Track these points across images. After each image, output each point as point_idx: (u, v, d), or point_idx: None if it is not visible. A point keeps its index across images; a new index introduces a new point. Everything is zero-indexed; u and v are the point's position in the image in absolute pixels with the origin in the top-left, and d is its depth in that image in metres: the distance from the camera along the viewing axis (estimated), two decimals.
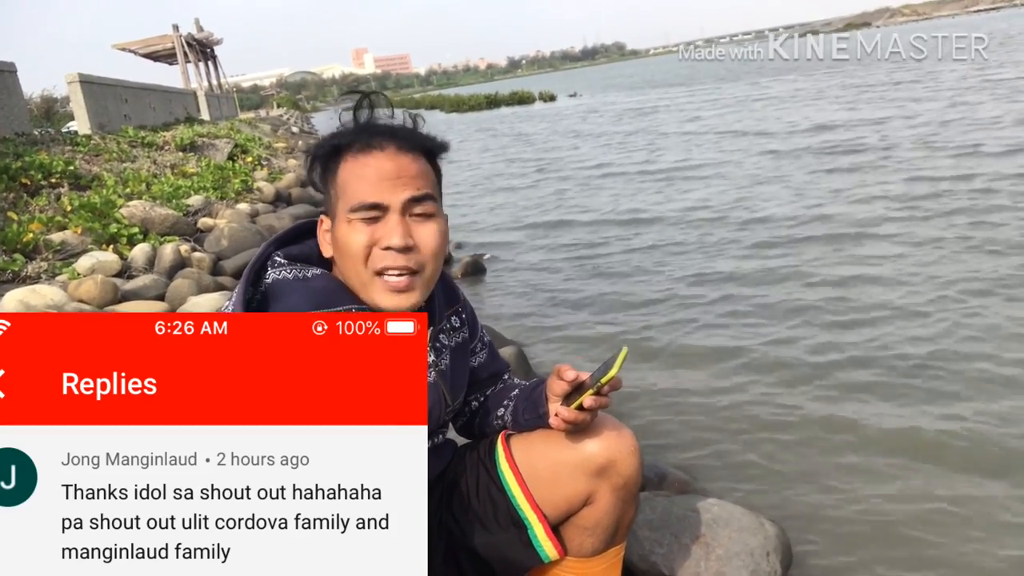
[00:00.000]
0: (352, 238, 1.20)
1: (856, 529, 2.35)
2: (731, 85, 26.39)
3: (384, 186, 1.20)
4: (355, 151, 1.24)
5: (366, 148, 1.23)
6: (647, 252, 6.18)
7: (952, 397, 3.09)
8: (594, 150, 14.34)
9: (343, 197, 1.22)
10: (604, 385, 1.24)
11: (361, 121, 1.29)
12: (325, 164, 1.27)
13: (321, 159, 1.28)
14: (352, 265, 1.22)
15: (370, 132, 1.25)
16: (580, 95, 40.28)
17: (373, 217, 1.20)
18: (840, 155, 9.32)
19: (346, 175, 1.23)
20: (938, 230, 5.54)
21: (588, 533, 1.42)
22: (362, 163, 1.22)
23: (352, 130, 1.27)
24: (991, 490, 2.46)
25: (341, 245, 1.23)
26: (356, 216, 1.20)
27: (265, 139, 17.47)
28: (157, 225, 6.20)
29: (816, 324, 4.07)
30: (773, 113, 15.41)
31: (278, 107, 57.79)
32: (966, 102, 12.83)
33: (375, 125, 1.28)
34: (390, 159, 1.22)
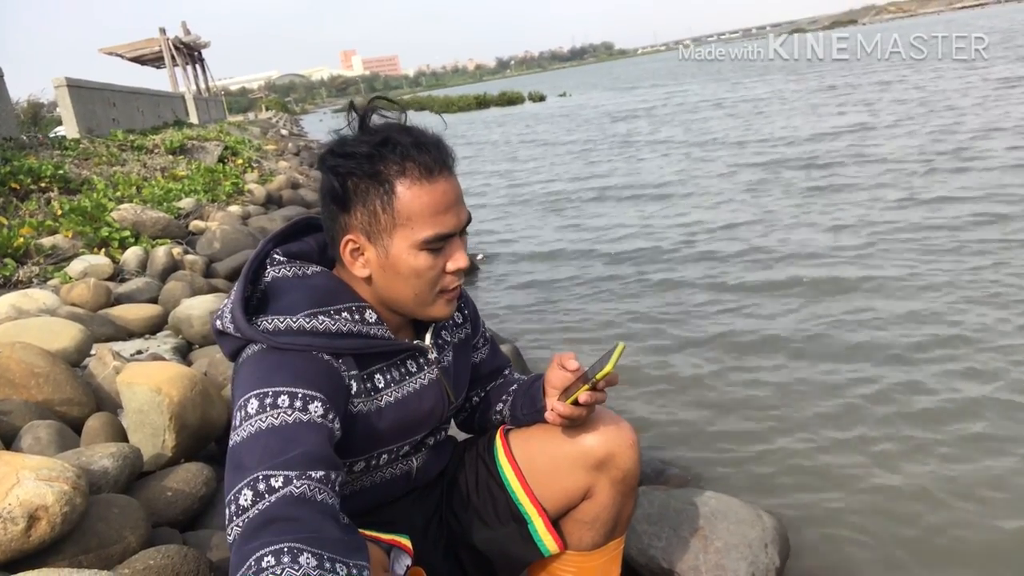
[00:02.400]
0: (424, 269, 1.19)
1: (854, 520, 2.36)
2: (715, 84, 26.42)
3: (451, 215, 1.18)
4: (414, 176, 1.15)
5: (427, 174, 1.16)
6: (640, 251, 6.19)
7: (953, 388, 3.11)
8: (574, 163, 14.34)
9: (407, 225, 1.16)
10: (600, 380, 1.24)
11: (391, 131, 1.18)
12: (360, 181, 1.16)
13: (356, 179, 1.16)
14: (418, 291, 1.21)
15: (416, 148, 1.16)
16: (570, 95, 40.31)
17: (442, 246, 1.19)
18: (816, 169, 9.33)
19: (409, 204, 1.15)
20: (924, 228, 5.59)
21: (588, 527, 1.42)
22: (426, 190, 1.15)
23: (387, 144, 1.16)
24: (992, 481, 2.48)
25: (408, 273, 1.19)
26: (429, 248, 1.17)
27: (255, 141, 17.41)
28: (149, 228, 6.17)
29: (814, 317, 4.09)
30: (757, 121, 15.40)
31: (267, 110, 57.56)
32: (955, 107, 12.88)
33: (421, 141, 1.18)
34: (450, 184, 1.19)
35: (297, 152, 18.17)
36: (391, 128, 1.19)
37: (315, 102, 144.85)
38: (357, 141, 1.18)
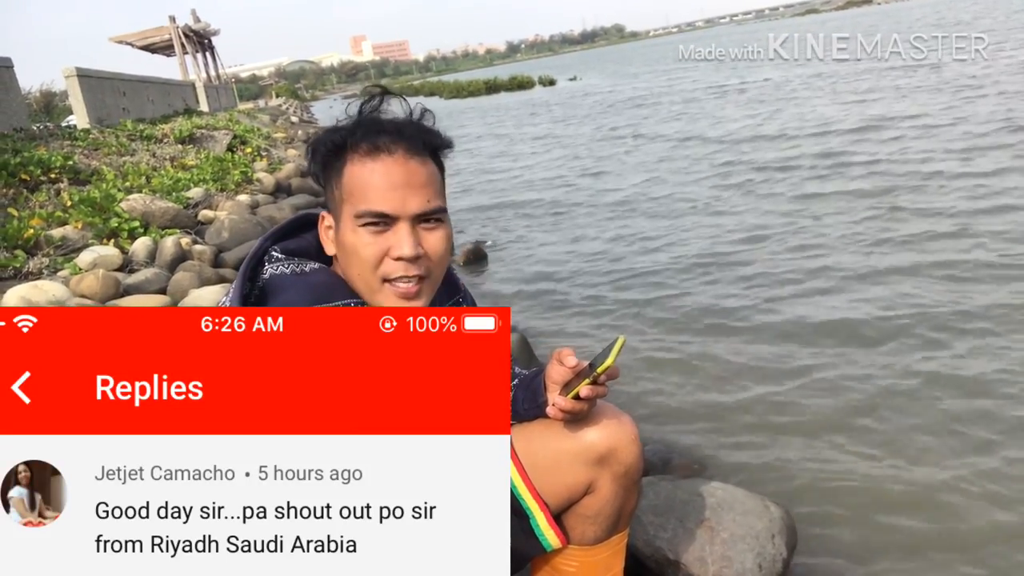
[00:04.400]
0: (361, 247, 1.18)
1: (862, 511, 2.35)
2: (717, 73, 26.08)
3: (394, 195, 1.18)
4: (361, 153, 1.20)
5: (373, 151, 1.19)
6: (648, 239, 6.16)
7: (959, 380, 3.07)
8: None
9: (349, 201, 1.20)
10: (600, 374, 1.22)
11: (366, 114, 1.25)
12: (327, 160, 1.23)
13: (323, 155, 1.24)
14: (360, 271, 1.21)
15: (376, 130, 1.21)
16: (580, 78, 40.09)
17: (382, 226, 1.18)
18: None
19: (352, 178, 1.20)
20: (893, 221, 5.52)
21: (590, 521, 1.41)
22: (369, 168, 1.19)
23: (357, 126, 1.22)
24: (998, 472, 2.45)
25: (348, 250, 1.21)
26: (364, 223, 1.18)
27: (264, 129, 17.42)
28: (157, 218, 6.19)
29: (819, 307, 4.05)
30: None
31: (277, 97, 57.54)
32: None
33: (381, 122, 1.23)
34: (399, 164, 1.19)
35: (307, 139, 18.18)
36: (371, 114, 1.24)
37: (325, 88, 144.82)
38: (339, 125, 1.24)
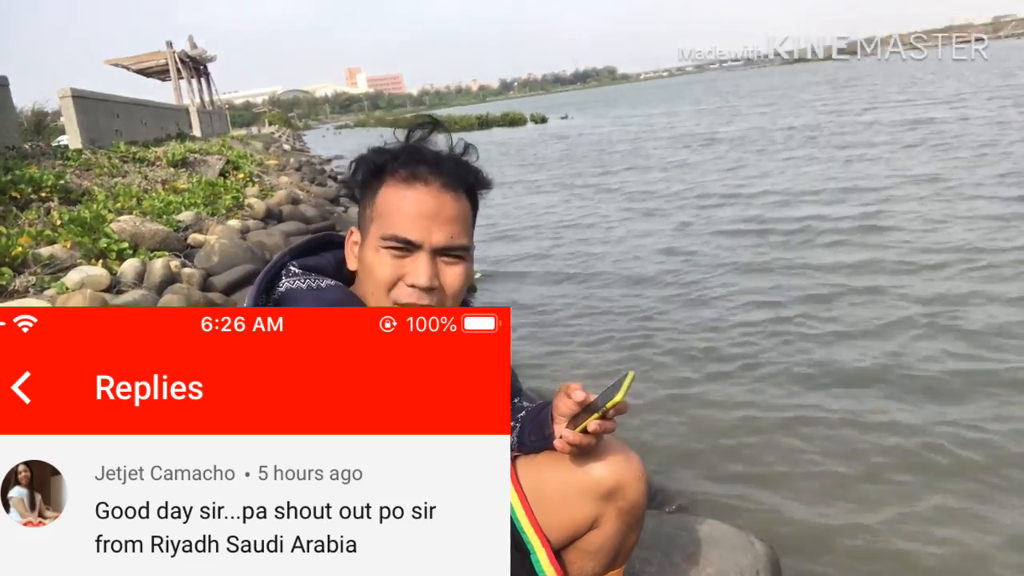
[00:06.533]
0: (379, 267, 1.21)
1: (845, 547, 2.36)
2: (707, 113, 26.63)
3: (421, 224, 1.20)
4: (399, 178, 1.23)
5: (410, 179, 1.22)
6: (645, 271, 6.21)
7: (944, 415, 3.10)
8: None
9: (378, 221, 1.23)
10: (610, 409, 1.23)
11: (412, 142, 1.27)
12: (366, 179, 1.27)
13: (363, 173, 1.27)
14: (373, 290, 1.23)
15: (417, 159, 1.23)
16: (571, 117, 40.64)
17: (404, 252, 1.21)
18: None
19: (385, 201, 1.23)
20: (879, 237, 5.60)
21: (591, 557, 1.41)
22: (403, 194, 1.22)
23: (400, 151, 1.25)
24: (986, 506, 2.48)
25: (366, 267, 1.24)
26: (387, 245, 1.20)
27: (257, 156, 17.46)
28: (147, 240, 6.17)
29: (807, 342, 4.09)
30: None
31: (270, 124, 57.83)
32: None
33: (423, 152, 1.25)
34: (432, 196, 1.21)
35: (299, 167, 18.22)
36: (419, 143, 1.27)
37: (319, 118, 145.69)
38: (384, 148, 1.27)
